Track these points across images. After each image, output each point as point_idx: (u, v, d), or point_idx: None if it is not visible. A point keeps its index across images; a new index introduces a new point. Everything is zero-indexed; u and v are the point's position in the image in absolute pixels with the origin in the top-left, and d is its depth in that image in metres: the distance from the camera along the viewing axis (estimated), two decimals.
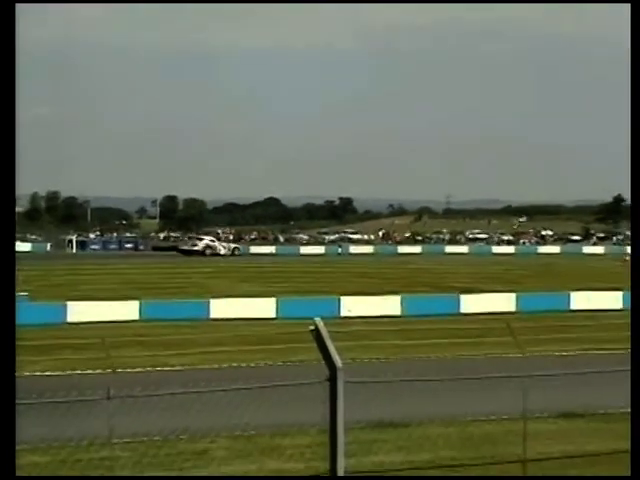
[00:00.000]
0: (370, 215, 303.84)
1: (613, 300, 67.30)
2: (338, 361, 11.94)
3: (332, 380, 11.95)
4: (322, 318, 12.65)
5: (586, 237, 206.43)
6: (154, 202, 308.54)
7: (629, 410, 20.44)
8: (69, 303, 58.59)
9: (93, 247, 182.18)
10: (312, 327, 12.13)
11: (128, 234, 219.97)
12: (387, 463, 21.47)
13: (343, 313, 59.26)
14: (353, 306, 62.37)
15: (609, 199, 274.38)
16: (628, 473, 19.48)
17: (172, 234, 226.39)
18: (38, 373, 34.49)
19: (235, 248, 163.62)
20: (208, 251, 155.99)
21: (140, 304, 60.18)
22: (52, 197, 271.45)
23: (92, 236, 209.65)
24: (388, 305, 65.03)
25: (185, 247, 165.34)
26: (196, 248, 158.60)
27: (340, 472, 11.89)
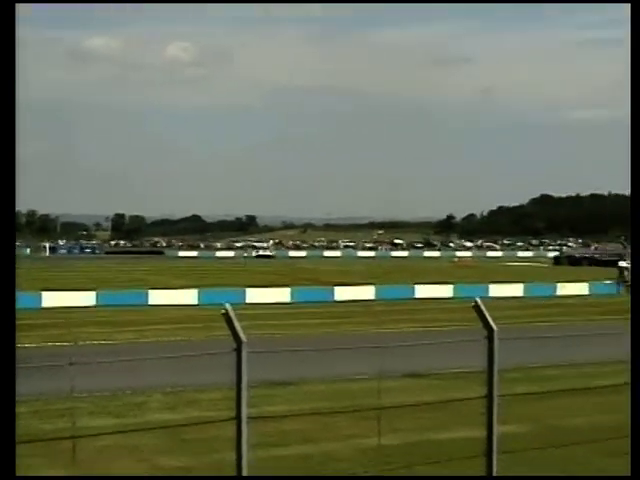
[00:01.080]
0: (268, 228, 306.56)
1: (446, 290, 68.67)
2: (243, 336, 12.32)
3: (238, 351, 12.33)
4: (231, 304, 12.97)
5: (427, 245, 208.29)
6: (107, 218, 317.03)
7: (458, 370, 20.78)
8: (43, 293, 59.14)
9: (61, 251, 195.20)
10: (223, 311, 12.46)
11: (87, 242, 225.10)
12: (279, 411, 21.76)
13: (248, 300, 59.66)
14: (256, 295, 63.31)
15: (443, 217, 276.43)
16: (451, 415, 19.87)
17: (120, 242, 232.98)
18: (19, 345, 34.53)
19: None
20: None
21: (97, 293, 61.21)
22: (31, 214, 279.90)
23: (61, 243, 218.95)
24: (281, 294, 65.96)
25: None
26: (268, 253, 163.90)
27: (244, 418, 12.22)
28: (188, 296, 63.03)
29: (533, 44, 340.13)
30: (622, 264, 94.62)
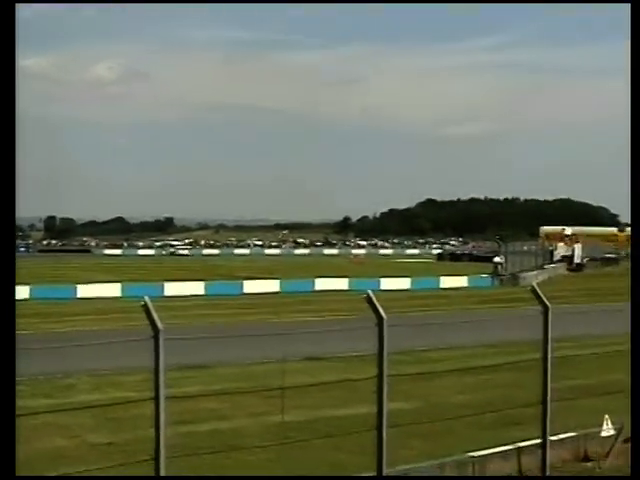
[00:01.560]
0: (185, 229, 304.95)
1: (343, 284, 68.94)
2: (160, 325, 12.29)
3: (156, 338, 12.32)
4: (150, 297, 12.93)
5: (327, 244, 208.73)
6: (40, 220, 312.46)
7: (353, 354, 20.89)
8: None
9: None
10: (142, 303, 12.43)
11: (22, 241, 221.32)
12: (194, 392, 21.69)
13: (166, 293, 59.49)
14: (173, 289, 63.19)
15: (341, 218, 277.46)
16: (348, 394, 19.95)
17: (52, 241, 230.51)
18: None
19: None
20: None
21: (30, 288, 60.41)
22: None
23: None
24: (196, 288, 65.87)
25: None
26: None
27: (162, 398, 12.19)
28: (112, 290, 62.57)
29: (418, 68, 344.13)
30: (496, 260, 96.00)
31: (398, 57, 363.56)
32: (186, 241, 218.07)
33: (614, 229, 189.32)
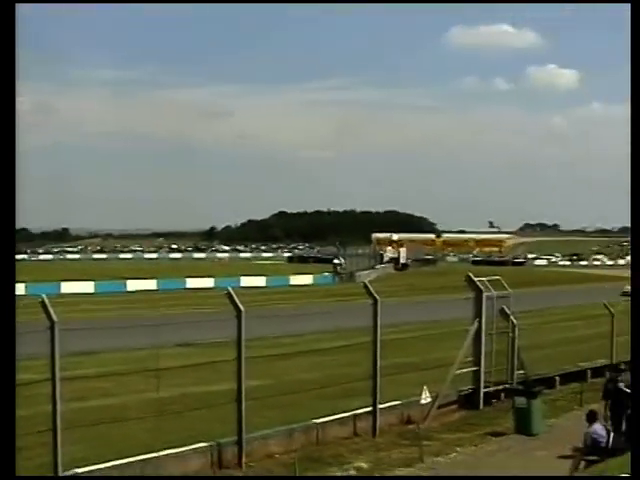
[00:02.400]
0: (78, 237, 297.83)
1: (208, 282, 68.61)
2: (55, 317, 12.19)
3: (52, 328, 12.25)
4: (48, 294, 12.84)
5: (196, 249, 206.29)
6: None
7: (220, 341, 20.79)
8: None
9: None
10: (40, 300, 12.32)
11: None
12: (86, 374, 21.30)
13: (62, 291, 58.10)
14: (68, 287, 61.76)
15: (208, 227, 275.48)
16: (213, 373, 19.89)
17: None
18: None
19: None
20: None
21: None
22: None
23: None
24: (87, 287, 64.87)
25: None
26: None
27: (57, 379, 12.11)
28: (17, 289, 60.79)
29: (278, 103, 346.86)
30: (336, 261, 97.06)
31: (260, 94, 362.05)
32: (79, 247, 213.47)
33: (432, 235, 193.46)
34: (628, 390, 15.54)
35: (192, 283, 70.12)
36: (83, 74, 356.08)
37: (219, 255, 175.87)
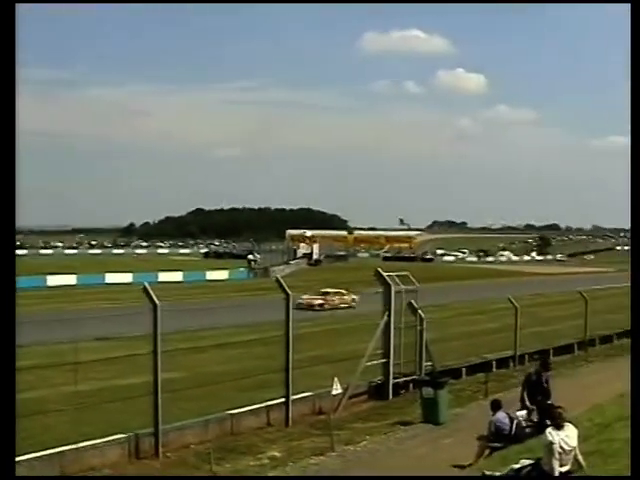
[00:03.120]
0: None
1: (127, 277, 67.27)
2: None
3: None
4: None
5: (115, 245, 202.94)
6: None
7: (138, 335, 20.62)
8: None
9: None
10: None
11: None
12: None
13: None
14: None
15: (127, 224, 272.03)
16: (131, 366, 19.73)
17: None
18: None
19: None
20: None
21: None
22: None
23: None
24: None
25: None
26: None
27: None
28: None
29: (195, 103, 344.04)
30: (251, 257, 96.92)
31: (178, 94, 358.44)
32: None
33: (344, 232, 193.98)
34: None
35: (111, 278, 69.10)
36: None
37: (137, 251, 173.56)
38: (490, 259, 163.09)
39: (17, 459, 12.91)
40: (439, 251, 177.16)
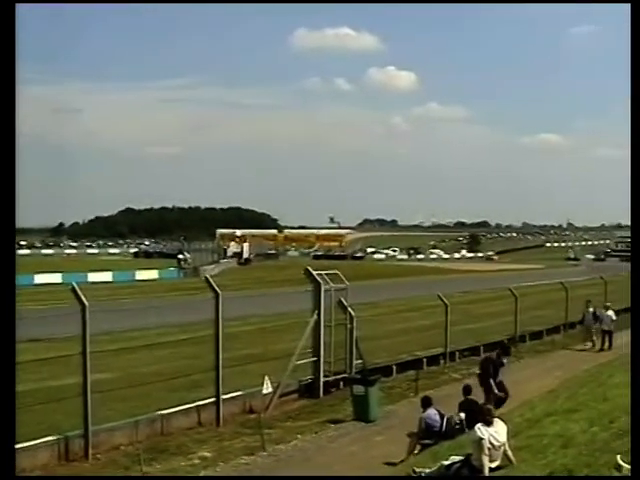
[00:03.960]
0: None
1: (56, 278, 66.82)
2: None
3: None
4: None
5: (46, 245, 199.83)
6: None
7: (68, 335, 20.27)
8: None
9: None
10: None
11: None
12: None
13: None
14: None
15: (56, 224, 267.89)
16: (63, 368, 19.37)
17: None
18: None
19: None
20: None
21: None
22: None
23: None
24: None
25: None
26: None
27: None
28: None
29: (126, 100, 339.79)
30: (181, 256, 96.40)
31: (109, 92, 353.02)
32: None
33: (274, 231, 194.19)
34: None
35: (40, 279, 67.91)
36: None
37: (67, 251, 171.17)
38: (420, 257, 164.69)
39: None
40: (369, 249, 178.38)
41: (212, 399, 17.85)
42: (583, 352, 29.55)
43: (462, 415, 14.58)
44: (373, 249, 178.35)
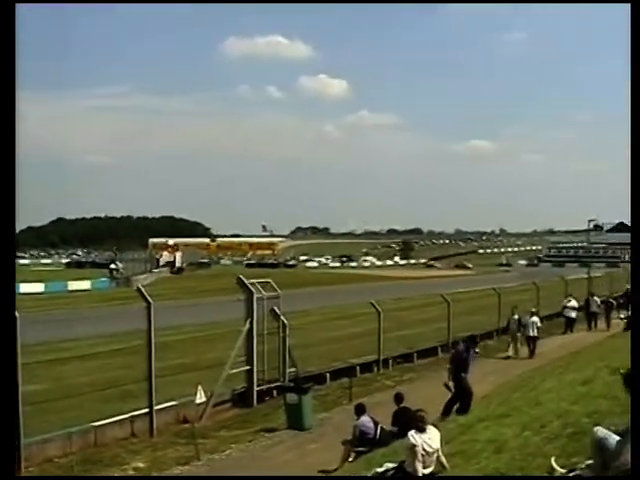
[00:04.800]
0: None
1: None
2: None
3: None
4: None
5: None
6: None
7: None
8: None
9: None
10: None
11: None
12: None
13: None
14: None
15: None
16: None
17: None
18: None
19: None
20: None
21: None
22: None
23: None
24: None
25: None
26: None
27: None
28: None
29: (57, 109, 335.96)
30: (113, 266, 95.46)
31: (39, 101, 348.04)
32: None
33: (207, 240, 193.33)
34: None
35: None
36: None
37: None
38: (353, 264, 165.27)
39: None
40: (302, 257, 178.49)
41: (146, 410, 17.65)
42: (510, 359, 29.32)
43: (394, 429, 14.57)
44: (306, 257, 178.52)
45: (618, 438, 6.20)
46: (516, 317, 30.80)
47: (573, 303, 36.45)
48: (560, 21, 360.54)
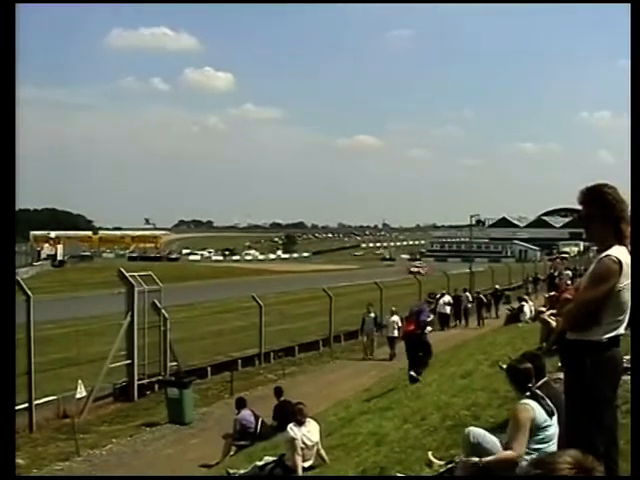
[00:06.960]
0: None
1: None
2: None
3: None
4: None
5: None
6: None
7: None
8: None
9: None
10: None
11: None
12: None
13: None
14: None
15: None
16: None
17: None
18: None
19: None
20: None
21: None
22: None
23: None
24: None
25: None
26: None
27: None
28: None
29: None
30: None
31: None
32: None
33: (89, 232, 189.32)
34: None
35: None
36: None
37: None
38: (236, 258, 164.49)
39: None
40: (185, 250, 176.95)
41: (25, 405, 17.13)
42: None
43: (275, 423, 14.54)
44: (189, 250, 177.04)
45: (494, 439, 6.25)
46: (372, 315, 28.75)
47: (446, 298, 36.03)
48: (446, 19, 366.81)
